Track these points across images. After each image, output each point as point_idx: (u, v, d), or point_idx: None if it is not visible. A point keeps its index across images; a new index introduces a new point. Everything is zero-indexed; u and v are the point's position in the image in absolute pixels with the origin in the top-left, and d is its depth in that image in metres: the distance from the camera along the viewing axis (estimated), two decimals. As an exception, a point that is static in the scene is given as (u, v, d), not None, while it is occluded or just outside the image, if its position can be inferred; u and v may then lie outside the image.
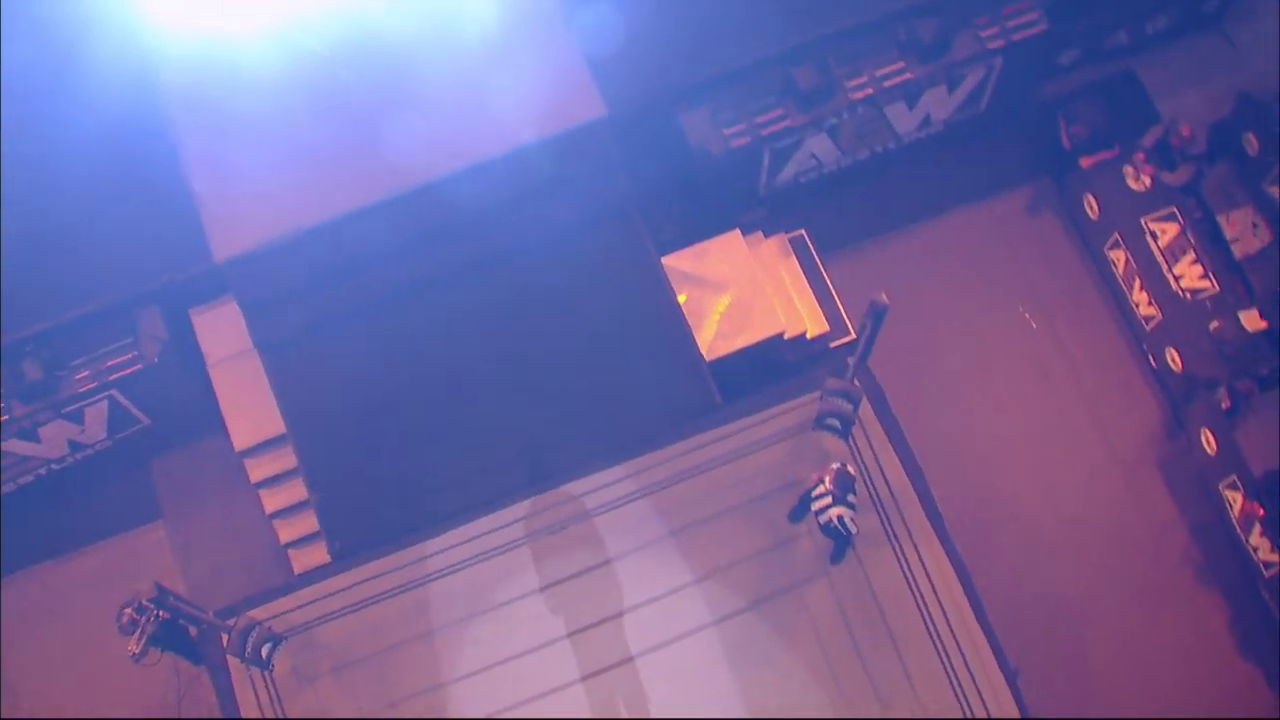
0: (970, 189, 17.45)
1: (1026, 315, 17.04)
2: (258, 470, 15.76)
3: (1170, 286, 16.33)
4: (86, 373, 15.26)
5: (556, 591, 14.53)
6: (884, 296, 13.26)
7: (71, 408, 15.42)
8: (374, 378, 15.14)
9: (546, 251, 15.35)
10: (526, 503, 14.82)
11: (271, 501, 15.82)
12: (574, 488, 14.88)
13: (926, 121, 16.71)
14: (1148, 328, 16.66)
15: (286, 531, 15.86)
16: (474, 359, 15.19)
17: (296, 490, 15.52)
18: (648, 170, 16.22)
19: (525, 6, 15.49)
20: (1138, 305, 16.74)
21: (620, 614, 14.42)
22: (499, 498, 14.85)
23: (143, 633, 13.13)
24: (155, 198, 15.33)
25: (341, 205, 14.89)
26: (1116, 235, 16.78)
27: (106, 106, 15.60)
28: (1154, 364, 16.67)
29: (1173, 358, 16.32)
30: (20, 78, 15.84)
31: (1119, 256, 16.85)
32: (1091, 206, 17.03)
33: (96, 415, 15.71)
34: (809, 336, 16.32)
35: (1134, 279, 16.67)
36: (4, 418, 15.19)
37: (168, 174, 15.24)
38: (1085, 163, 17.04)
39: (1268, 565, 15.30)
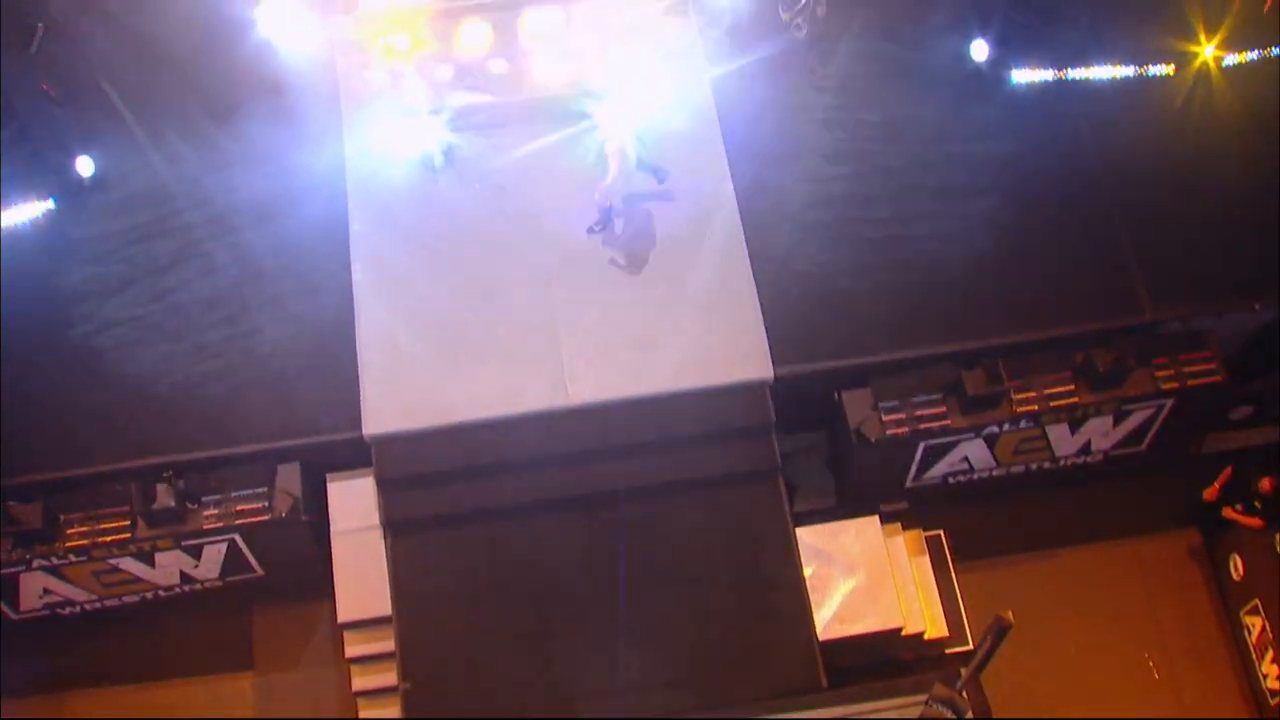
0: (1116, 524, 17.15)
1: (1151, 663, 16.59)
2: (355, 646, 15.67)
3: (1304, 666, 15.88)
4: (215, 512, 15.41)
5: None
6: (1010, 615, 13.13)
7: (192, 542, 15.57)
8: (489, 584, 15.12)
9: (684, 496, 15.36)
10: (610, 741, 14.61)
11: (360, 680, 15.69)
12: (660, 735, 14.66)
13: (1086, 449, 16.54)
14: (1272, 702, 16.05)
15: (368, 711, 15.68)
16: (589, 586, 15.10)
17: (388, 675, 15.34)
18: (800, 438, 16.36)
19: (718, 252, 16.02)
20: (1266, 676, 16.17)
21: None
22: (584, 731, 14.68)
23: (198, 776, 13.14)
24: (325, 355, 15.77)
25: (497, 408, 15.25)
26: (1257, 601, 16.33)
27: (301, 259, 16.29)
28: (1272, 740, 16.12)
29: (1292, 739, 15.76)
30: (223, 209, 16.62)
31: (1255, 623, 16.38)
32: (1237, 567, 16.65)
33: (213, 555, 15.84)
34: (926, 638, 15.99)
35: (1267, 649, 16.15)
36: (127, 535, 15.40)
37: (342, 335, 15.78)
38: (1227, 514, 16.65)
39: None
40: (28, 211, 16.09)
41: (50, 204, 16.19)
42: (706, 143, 16.69)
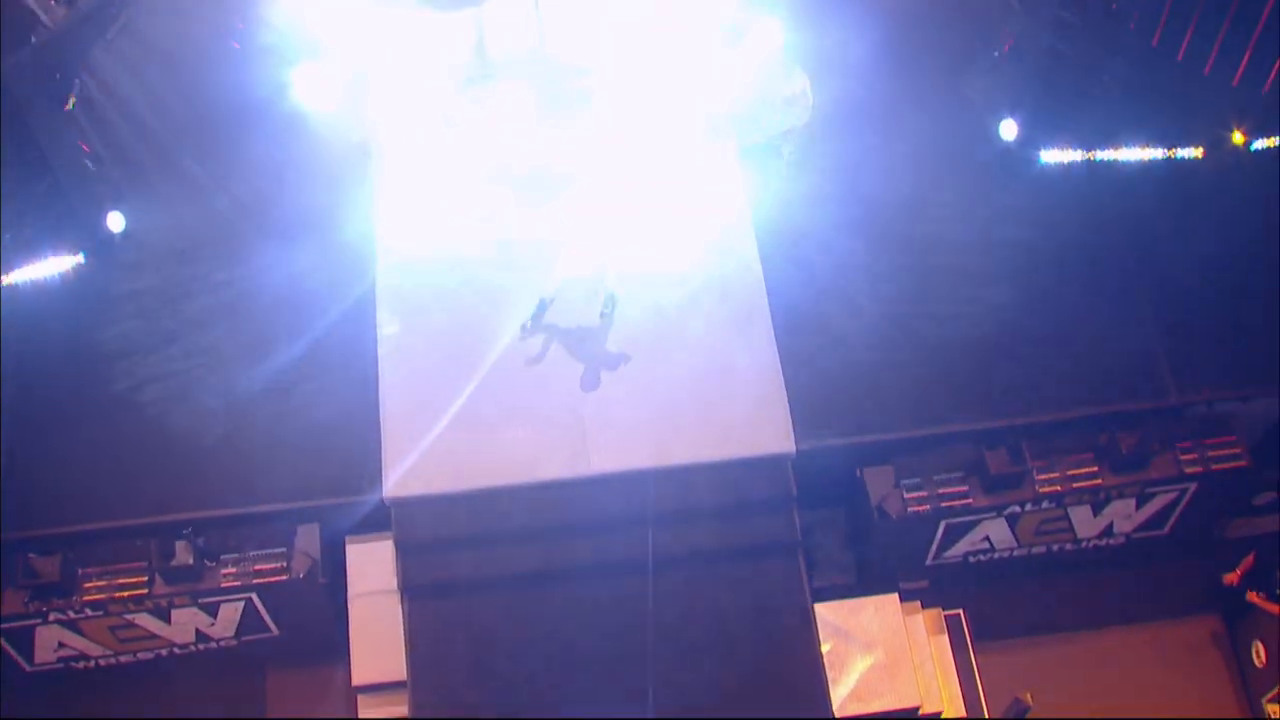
0: (1137, 608, 17.05)
1: (1171, 749, 16.45)
2: (369, 709, 15.57)
3: (1324, 756, 15.70)
4: (234, 570, 15.42)
5: None
6: (1029, 698, 13.10)
7: (209, 600, 15.57)
8: (506, 651, 14.96)
9: (703, 568, 15.21)
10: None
11: (373, 744, 15.66)
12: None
13: (1109, 531, 16.47)
14: (1292, 791, 15.95)
15: (380, 776, 15.65)
16: (606, 657, 14.93)
17: (401, 740, 15.35)
18: (820, 514, 16.30)
19: (742, 326, 15.93)
20: (1287, 765, 16.07)
21: None
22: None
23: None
24: (347, 417, 15.71)
25: (518, 475, 15.15)
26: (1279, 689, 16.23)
27: (327, 321, 16.33)
28: (1288, 829, 15.92)
29: (1310, 830, 15.58)
30: (251, 269, 16.70)
31: (1277, 711, 16.20)
32: (1259, 654, 16.51)
33: (230, 613, 15.83)
34: (943, 718, 15.83)
35: (1288, 737, 16.07)
36: (144, 591, 15.40)
37: (365, 397, 15.67)
38: (1251, 599, 16.56)
39: None
40: (57, 266, 16.20)
41: (80, 259, 16.27)
42: (732, 216, 16.68)
